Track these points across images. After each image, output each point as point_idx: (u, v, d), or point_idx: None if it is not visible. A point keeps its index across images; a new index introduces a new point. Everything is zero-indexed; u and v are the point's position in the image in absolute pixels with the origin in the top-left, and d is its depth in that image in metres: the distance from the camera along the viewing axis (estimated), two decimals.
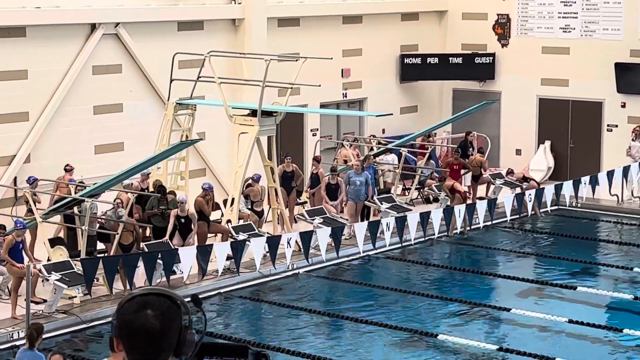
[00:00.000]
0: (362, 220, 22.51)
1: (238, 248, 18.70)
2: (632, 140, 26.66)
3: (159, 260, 17.75)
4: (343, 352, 16.32)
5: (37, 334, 12.77)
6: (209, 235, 20.71)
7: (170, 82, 21.93)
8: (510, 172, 26.11)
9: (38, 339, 12.66)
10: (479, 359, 16.06)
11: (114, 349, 3.38)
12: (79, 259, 17.74)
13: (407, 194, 25.75)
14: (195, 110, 22.16)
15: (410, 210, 23.03)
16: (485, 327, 17.62)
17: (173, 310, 3.31)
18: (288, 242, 19.10)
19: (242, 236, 20.08)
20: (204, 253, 18.15)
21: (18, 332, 16.25)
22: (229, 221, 20.94)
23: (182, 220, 19.79)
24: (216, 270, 18.92)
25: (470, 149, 27.12)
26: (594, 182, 23.70)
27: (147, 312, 3.27)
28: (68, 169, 21.10)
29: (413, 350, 16.50)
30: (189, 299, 3.50)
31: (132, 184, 20.95)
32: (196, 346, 3.35)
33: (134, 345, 3.29)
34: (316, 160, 24.11)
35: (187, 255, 17.95)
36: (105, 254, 18.91)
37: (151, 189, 20.96)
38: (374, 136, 27.73)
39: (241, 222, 21.16)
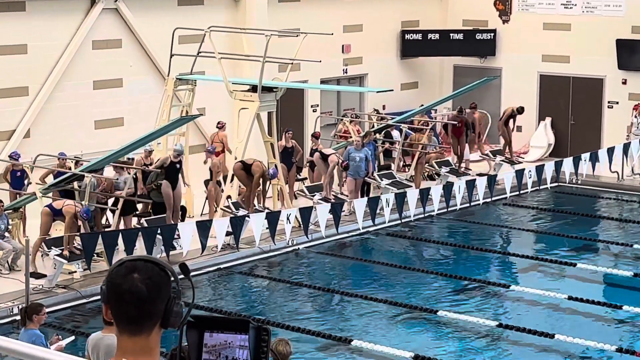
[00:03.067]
0: (362, 196, 22.51)
1: (237, 224, 18.69)
2: (635, 117, 26.60)
3: (158, 236, 17.75)
4: (342, 328, 16.34)
5: (27, 314, 12.56)
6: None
7: (171, 57, 21.87)
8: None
9: (31, 317, 12.48)
10: (478, 335, 16.09)
11: (105, 313, 3.38)
12: (78, 233, 17.75)
13: (407, 170, 25.73)
14: (195, 85, 22.11)
15: (410, 186, 23.04)
16: (485, 303, 17.64)
17: (161, 277, 3.31)
18: (288, 218, 19.10)
19: (241, 212, 20.10)
20: (203, 229, 18.15)
21: (18, 307, 16.25)
22: (229, 197, 20.95)
23: (177, 165, 20.09)
24: (216, 246, 18.94)
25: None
26: (594, 159, 23.67)
27: (135, 276, 3.27)
28: (220, 126, 22.08)
29: (412, 326, 16.53)
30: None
31: (133, 159, 20.95)
32: (184, 318, 3.34)
33: (121, 309, 3.30)
34: (315, 136, 24.08)
35: (187, 231, 17.95)
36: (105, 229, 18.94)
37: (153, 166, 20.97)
38: (377, 111, 27.73)
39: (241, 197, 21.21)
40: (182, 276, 3.39)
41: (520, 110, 26.86)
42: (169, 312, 3.31)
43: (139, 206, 20.22)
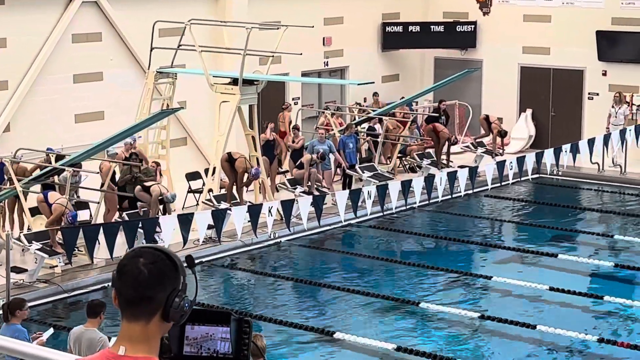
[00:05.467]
0: (343, 188, 22.54)
1: (219, 217, 18.67)
2: (612, 106, 26.70)
3: (139, 230, 17.70)
4: (324, 320, 16.35)
5: (9, 310, 12.49)
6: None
7: (151, 50, 21.81)
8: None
9: (14, 313, 12.43)
10: (460, 326, 16.12)
11: (114, 299, 3.39)
12: (59, 227, 17.69)
13: (389, 162, 25.76)
14: (176, 78, 22.07)
15: (392, 178, 23.06)
16: (467, 295, 17.68)
17: (166, 265, 3.31)
18: (269, 211, 19.08)
19: (223, 205, 20.07)
20: (185, 222, 18.12)
21: None
22: (210, 190, 20.91)
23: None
24: (197, 239, 18.90)
25: (443, 118, 27.19)
26: (574, 150, 23.72)
27: (140, 260, 3.30)
28: (285, 107, 21.75)
29: (395, 318, 16.55)
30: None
31: (116, 153, 20.87)
32: (185, 312, 3.31)
33: (122, 291, 3.31)
34: (296, 129, 24.10)
35: (168, 224, 17.91)
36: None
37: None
38: (359, 104, 27.76)
39: (222, 190, 21.19)
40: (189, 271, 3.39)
41: (504, 134, 26.93)
42: (170, 303, 3.29)
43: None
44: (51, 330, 13.11)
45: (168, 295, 3.28)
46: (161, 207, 19.84)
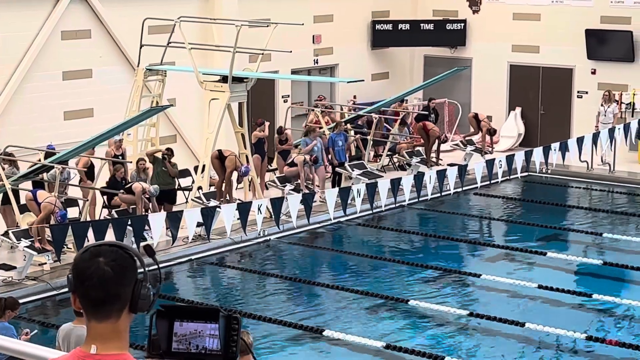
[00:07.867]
0: (333, 186, 22.55)
1: (208, 214, 18.65)
2: (601, 105, 26.73)
3: (128, 227, 17.67)
4: (313, 318, 16.35)
5: (4, 307, 12.49)
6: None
7: (140, 47, 21.77)
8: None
9: (4, 312, 12.44)
10: (449, 324, 16.14)
11: (73, 302, 3.38)
12: (48, 225, 17.66)
13: (378, 160, 25.77)
14: (165, 76, 22.04)
15: (382, 176, 23.06)
16: (456, 292, 17.70)
17: (126, 260, 3.32)
18: (259, 209, 19.07)
19: (212, 202, 20.06)
20: (174, 219, 18.10)
21: None
22: (199, 188, 20.90)
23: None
24: (187, 237, 18.89)
25: (432, 116, 27.21)
26: (564, 149, 23.74)
27: (100, 260, 3.29)
28: (320, 99, 23.90)
29: (384, 316, 16.56)
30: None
31: (122, 139, 20.87)
32: (152, 301, 3.34)
33: (87, 294, 3.29)
34: (279, 132, 24.14)
35: (157, 222, 17.89)
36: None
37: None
38: (354, 103, 27.82)
39: (212, 188, 21.18)
40: (153, 266, 3.39)
41: (493, 132, 27.02)
42: (137, 295, 3.31)
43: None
44: (35, 331, 13.14)
45: (133, 288, 3.30)
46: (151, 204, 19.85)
